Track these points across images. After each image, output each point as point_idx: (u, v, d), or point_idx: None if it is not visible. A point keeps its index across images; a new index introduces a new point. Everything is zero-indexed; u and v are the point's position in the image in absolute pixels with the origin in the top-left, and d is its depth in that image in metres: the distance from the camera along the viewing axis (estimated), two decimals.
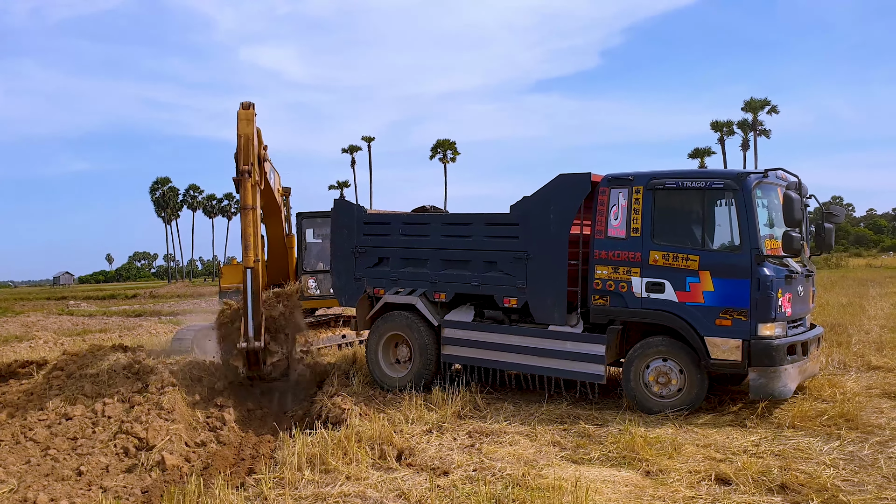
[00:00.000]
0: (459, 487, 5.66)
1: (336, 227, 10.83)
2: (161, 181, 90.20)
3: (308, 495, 5.62)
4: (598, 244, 8.57)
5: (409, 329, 9.84)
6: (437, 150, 78.21)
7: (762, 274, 7.60)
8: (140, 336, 19.23)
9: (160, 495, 6.18)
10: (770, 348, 7.60)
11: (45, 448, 7.36)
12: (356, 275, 10.49)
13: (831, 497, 5.35)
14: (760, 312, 7.62)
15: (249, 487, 5.97)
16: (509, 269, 9.08)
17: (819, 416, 7.51)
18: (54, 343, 18.03)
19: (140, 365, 9.29)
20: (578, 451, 6.75)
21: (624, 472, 6.10)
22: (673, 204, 8.27)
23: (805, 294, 8.46)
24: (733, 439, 6.93)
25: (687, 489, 5.62)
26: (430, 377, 9.59)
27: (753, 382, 7.71)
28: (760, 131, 64.23)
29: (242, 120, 9.96)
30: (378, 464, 6.36)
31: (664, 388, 8.10)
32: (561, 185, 8.73)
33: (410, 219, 10.38)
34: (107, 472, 6.90)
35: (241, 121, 9.96)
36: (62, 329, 23.82)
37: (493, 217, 9.42)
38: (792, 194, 7.69)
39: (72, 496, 6.31)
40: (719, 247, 8.05)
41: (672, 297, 8.04)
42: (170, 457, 7.11)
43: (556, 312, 8.75)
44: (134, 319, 27.58)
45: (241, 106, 10.13)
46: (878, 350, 11.37)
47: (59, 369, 9.39)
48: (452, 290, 9.63)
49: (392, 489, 5.69)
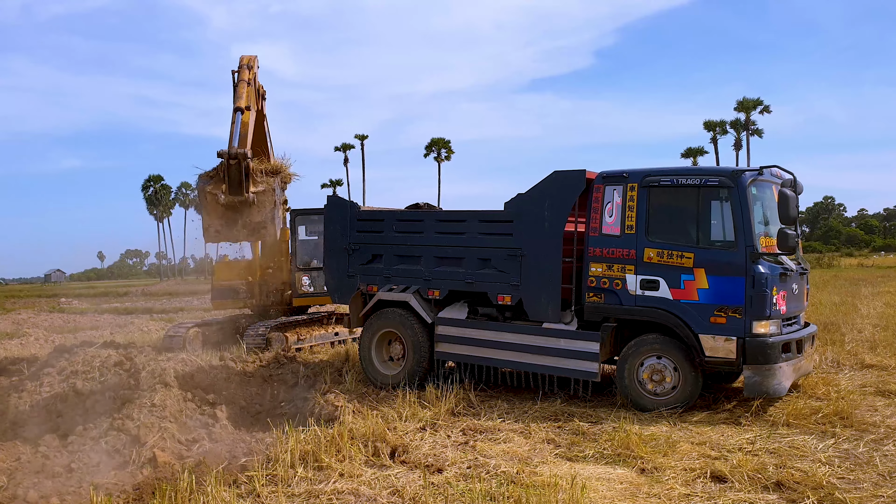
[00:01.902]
0: (453, 485, 5.63)
1: (329, 224, 10.78)
2: (153, 179, 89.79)
3: (301, 492, 5.58)
4: (592, 241, 8.54)
5: (402, 326, 9.79)
6: (431, 149, 78.12)
7: (757, 271, 7.60)
8: (132, 333, 19.11)
9: (152, 492, 6.11)
10: (765, 346, 7.59)
11: (36, 445, 7.28)
12: (349, 272, 10.45)
13: (827, 494, 5.34)
14: (755, 310, 7.61)
15: (242, 485, 5.91)
16: (503, 266, 9.05)
17: (814, 414, 7.52)
18: (45, 340, 17.90)
19: (131, 362, 9.22)
20: (573, 448, 6.74)
21: (619, 469, 6.08)
22: (668, 201, 8.25)
23: (799, 292, 8.46)
24: (728, 437, 6.92)
25: (682, 487, 5.61)
26: (423, 374, 9.55)
27: (748, 380, 7.71)
28: (753, 131, 64.36)
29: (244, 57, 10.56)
30: (371, 461, 6.32)
31: (658, 386, 8.09)
32: (555, 182, 8.70)
33: (404, 215, 10.34)
34: (98, 469, 6.82)
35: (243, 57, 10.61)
36: (53, 326, 23.65)
37: (488, 214, 9.38)
38: (787, 192, 7.69)
39: (62, 493, 6.24)
40: (714, 244, 8.03)
41: (667, 295, 8.02)
42: (161, 454, 7.03)
43: (550, 310, 8.72)
44: (126, 317, 27.40)
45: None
46: (872, 349, 11.41)
47: (49, 366, 9.30)
48: (446, 287, 9.59)
49: (385, 486, 5.65)
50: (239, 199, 9.24)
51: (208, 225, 9.04)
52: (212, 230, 9.02)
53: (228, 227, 9.12)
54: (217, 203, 9.13)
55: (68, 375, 8.86)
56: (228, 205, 9.13)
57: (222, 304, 14.73)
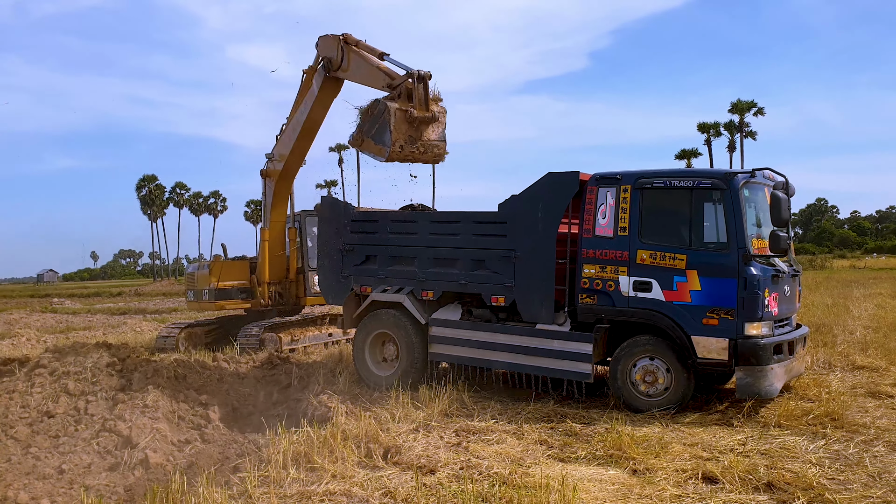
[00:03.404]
0: (446, 486, 5.63)
1: (323, 225, 10.77)
2: (147, 178, 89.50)
3: (293, 493, 5.57)
4: (585, 243, 8.56)
5: (396, 327, 9.79)
6: None
7: (749, 273, 7.62)
8: (125, 334, 19.04)
9: (143, 494, 6.09)
10: (757, 347, 7.62)
11: (27, 446, 7.26)
12: (343, 273, 10.44)
13: (817, 495, 5.37)
14: (747, 312, 7.64)
15: (234, 486, 5.90)
16: (497, 267, 9.06)
17: (805, 416, 7.55)
18: (37, 340, 17.80)
19: (124, 363, 9.19)
20: (565, 449, 6.74)
21: (611, 470, 6.09)
22: (661, 203, 8.28)
23: (791, 294, 8.49)
24: (720, 438, 6.94)
25: (674, 488, 5.62)
26: (417, 376, 9.54)
27: (740, 381, 7.74)
28: (747, 133, 64.48)
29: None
30: (364, 462, 6.32)
31: (651, 387, 8.11)
32: (549, 183, 8.71)
33: (398, 217, 10.34)
34: (89, 471, 6.80)
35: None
36: (45, 326, 23.53)
37: (482, 215, 9.39)
38: (779, 194, 7.72)
39: (53, 495, 6.22)
40: (707, 246, 8.05)
41: (659, 296, 8.04)
42: (153, 455, 7.02)
43: (543, 311, 8.73)
44: (119, 317, 27.29)
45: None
46: (863, 350, 11.46)
47: (41, 367, 9.25)
48: (440, 288, 9.59)
49: (378, 487, 5.65)
50: (426, 115, 9.96)
51: (395, 140, 9.53)
52: (397, 146, 9.58)
53: (410, 145, 9.62)
54: (404, 119, 9.81)
55: (60, 376, 8.82)
56: (415, 120, 9.88)
57: (225, 304, 14.64)
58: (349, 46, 11.44)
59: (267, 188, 14.16)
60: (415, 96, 9.98)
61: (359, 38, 11.48)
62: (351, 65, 11.43)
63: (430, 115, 10.01)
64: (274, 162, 13.88)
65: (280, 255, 14.60)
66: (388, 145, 9.71)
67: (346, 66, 11.50)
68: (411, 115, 9.82)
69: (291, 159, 13.59)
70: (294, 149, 13.34)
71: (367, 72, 11.02)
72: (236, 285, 14.51)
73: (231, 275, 14.54)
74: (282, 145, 13.62)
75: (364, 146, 10.20)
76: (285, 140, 13.48)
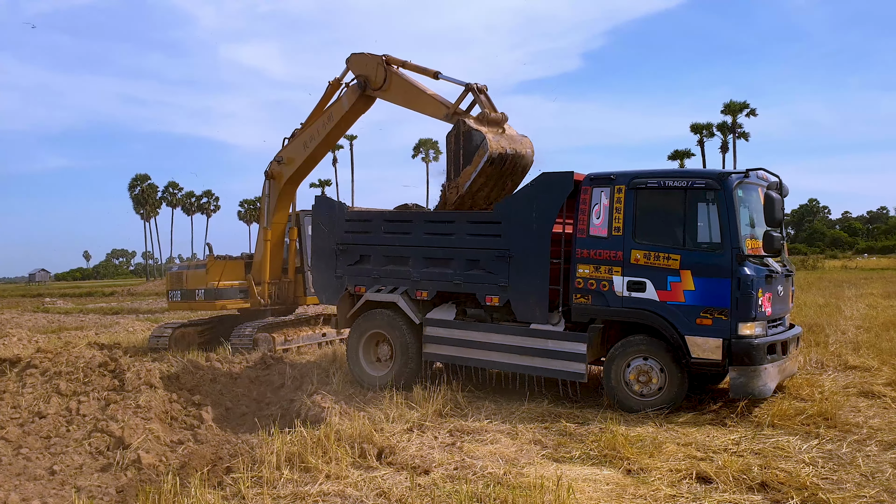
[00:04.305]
0: (440, 486, 5.62)
1: (317, 225, 10.74)
2: (140, 178, 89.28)
3: (287, 494, 5.54)
4: (579, 243, 8.56)
5: (390, 327, 9.77)
6: (419, 149, 78.23)
7: (743, 273, 7.64)
8: (117, 334, 18.97)
9: (135, 495, 6.05)
10: (750, 347, 7.64)
11: (17, 447, 7.21)
12: (337, 272, 10.42)
13: (811, 495, 5.38)
14: (741, 312, 7.66)
15: (227, 486, 5.87)
16: (492, 267, 9.06)
17: (798, 415, 7.57)
18: (28, 340, 17.68)
19: (116, 363, 9.14)
20: (559, 449, 6.74)
21: (605, 470, 6.09)
22: (655, 203, 8.28)
23: (785, 294, 8.52)
24: (713, 438, 6.95)
25: (668, 487, 5.62)
26: (411, 376, 9.53)
27: (733, 381, 7.76)
28: (739, 134, 64.74)
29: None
30: (358, 462, 6.30)
31: (645, 387, 8.12)
32: (543, 183, 8.71)
33: (392, 216, 10.32)
34: (81, 472, 6.77)
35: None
36: (37, 326, 23.40)
37: (476, 215, 9.39)
38: (773, 194, 7.74)
39: (44, 496, 6.18)
40: (700, 246, 8.07)
41: (653, 296, 8.05)
42: (146, 455, 6.99)
43: (537, 311, 8.73)
44: (111, 317, 27.18)
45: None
46: (855, 350, 11.50)
47: (32, 367, 9.20)
48: (434, 288, 9.58)
49: (372, 488, 5.63)
50: (500, 116, 10.27)
51: (491, 137, 9.80)
52: (492, 139, 9.63)
53: (497, 140, 9.89)
54: (486, 119, 10.09)
55: (51, 376, 8.77)
56: (492, 121, 10.15)
57: (223, 304, 14.60)
58: (391, 68, 11.51)
59: (270, 189, 14.10)
60: (482, 103, 10.17)
61: (404, 59, 11.51)
62: (393, 87, 11.55)
63: (503, 116, 10.16)
64: (282, 165, 13.77)
65: (278, 255, 14.61)
66: (488, 141, 9.66)
67: (387, 87, 11.60)
68: (487, 115, 10.00)
69: (304, 166, 13.58)
70: (310, 156, 13.34)
71: (418, 99, 11.21)
72: (235, 285, 14.51)
73: (230, 274, 14.54)
74: (294, 150, 13.51)
75: (464, 174, 9.95)
76: (298, 146, 13.39)
